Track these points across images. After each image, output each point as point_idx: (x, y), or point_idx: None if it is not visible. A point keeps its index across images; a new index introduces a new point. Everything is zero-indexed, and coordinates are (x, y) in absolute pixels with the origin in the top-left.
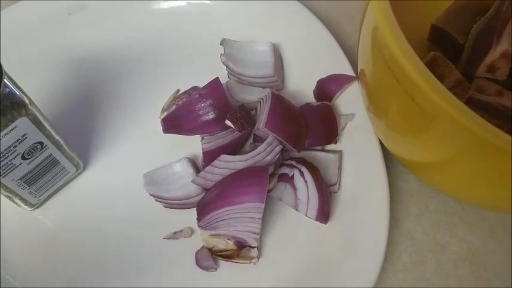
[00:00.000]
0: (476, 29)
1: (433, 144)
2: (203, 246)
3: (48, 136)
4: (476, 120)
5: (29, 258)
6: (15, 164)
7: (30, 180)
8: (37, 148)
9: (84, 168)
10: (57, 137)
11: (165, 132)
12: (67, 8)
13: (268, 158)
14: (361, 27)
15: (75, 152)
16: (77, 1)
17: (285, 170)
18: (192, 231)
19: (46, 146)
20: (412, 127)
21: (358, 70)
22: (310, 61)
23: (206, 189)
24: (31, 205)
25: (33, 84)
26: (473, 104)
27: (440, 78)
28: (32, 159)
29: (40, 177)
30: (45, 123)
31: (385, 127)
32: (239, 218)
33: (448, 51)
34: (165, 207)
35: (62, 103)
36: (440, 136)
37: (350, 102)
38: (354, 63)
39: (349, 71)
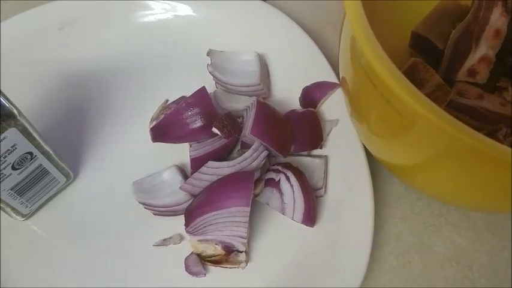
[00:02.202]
0: (455, 34)
1: (411, 147)
2: (192, 252)
3: (38, 146)
4: (450, 120)
5: (21, 268)
6: (5, 174)
7: (21, 190)
8: (27, 158)
9: (75, 177)
10: (46, 147)
11: (154, 141)
12: (58, 23)
13: (254, 163)
14: (340, 37)
15: (65, 162)
16: (67, 16)
17: (272, 175)
18: (181, 238)
19: (36, 156)
20: (391, 131)
21: (340, 77)
22: (295, 69)
23: (194, 196)
24: (22, 215)
25: (23, 95)
26: (454, 107)
27: (422, 82)
28: (22, 169)
29: (31, 187)
30: (34, 134)
31: (367, 131)
32: (226, 222)
33: (428, 56)
34: (155, 214)
35: (52, 114)
36: (417, 139)
37: (334, 108)
38: (337, 71)
39: (333, 78)
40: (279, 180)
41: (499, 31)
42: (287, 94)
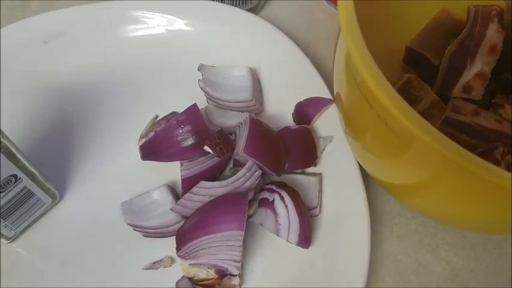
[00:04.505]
0: (450, 50)
1: (408, 167)
2: (183, 276)
3: (22, 168)
4: (446, 142)
5: None
6: None
7: (5, 213)
8: (11, 181)
9: (61, 198)
10: (31, 169)
11: (143, 159)
12: (43, 36)
13: (248, 183)
14: (334, 53)
15: (51, 183)
16: (52, 29)
17: (266, 194)
18: (172, 261)
19: (20, 178)
20: (387, 151)
21: (334, 93)
22: (288, 85)
23: (186, 217)
24: (7, 238)
25: (6, 112)
26: (450, 124)
27: (416, 99)
28: (5, 192)
29: (15, 210)
30: (18, 156)
31: (362, 150)
32: (219, 246)
33: (423, 72)
34: (144, 236)
35: (37, 132)
36: (414, 160)
37: (328, 124)
38: (331, 86)
39: (327, 94)
40: (273, 200)
41: (494, 47)
42: (280, 110)
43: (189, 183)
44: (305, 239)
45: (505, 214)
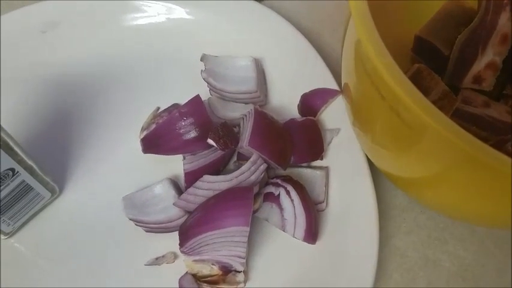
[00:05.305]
0: (460, 39)
1: (420, 160)
2: (187, 272)
3: (20, 162)
4: (462, 134)
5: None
6: None
7: (3, 208)
8: (8, 175)
9: (60, 192)
10: (29, 162)
11: (144, 152)
12: (40, 26)
13: (253, 177)
14: (343, 41)
15: (50, 176)
16: (50, 18)
17: (271, 188)
18: (175, 256)
19: (18, 172)
20: (398, 143)
21: (342, 84)
22: (293, 75)
23: (189, 212)
24: (5, 233)
25: (4, 105)
26: (460, 116)
27: (426, 90)
28: (3, 186)
29: (13, 204)
30: (16, 149)
31: (370, 142)
32: (223, 242)
33: (432, 62)
34: (146, 231)
35: (35, 124)
36: (427, 152)
37: (335, 116)
38: (337, 77)
39: (333, 85)
40: (279, 195)
41: (506, 36)
42: (285, 101)
43: (192, 177)
44: (311, 234)
45: None
